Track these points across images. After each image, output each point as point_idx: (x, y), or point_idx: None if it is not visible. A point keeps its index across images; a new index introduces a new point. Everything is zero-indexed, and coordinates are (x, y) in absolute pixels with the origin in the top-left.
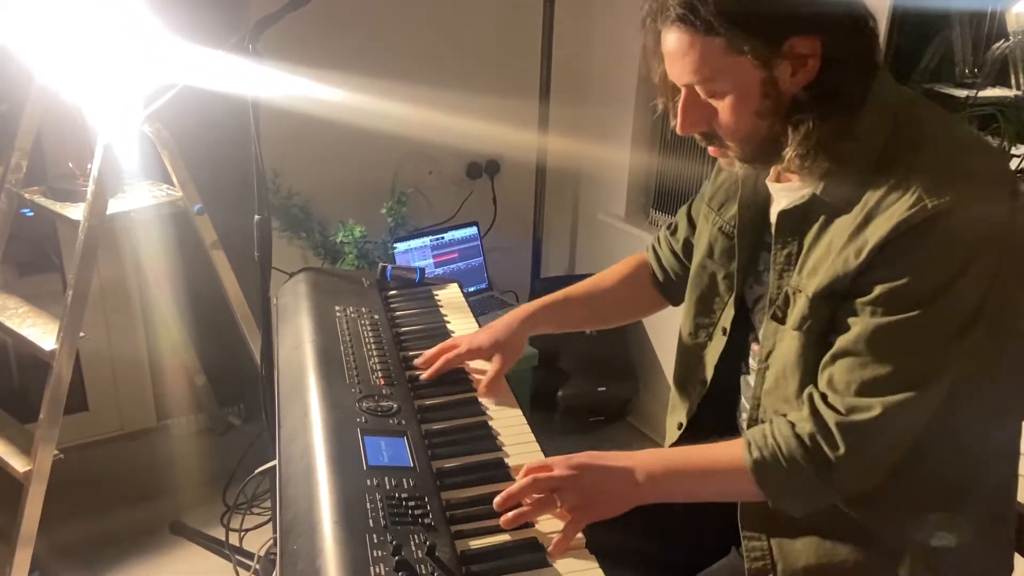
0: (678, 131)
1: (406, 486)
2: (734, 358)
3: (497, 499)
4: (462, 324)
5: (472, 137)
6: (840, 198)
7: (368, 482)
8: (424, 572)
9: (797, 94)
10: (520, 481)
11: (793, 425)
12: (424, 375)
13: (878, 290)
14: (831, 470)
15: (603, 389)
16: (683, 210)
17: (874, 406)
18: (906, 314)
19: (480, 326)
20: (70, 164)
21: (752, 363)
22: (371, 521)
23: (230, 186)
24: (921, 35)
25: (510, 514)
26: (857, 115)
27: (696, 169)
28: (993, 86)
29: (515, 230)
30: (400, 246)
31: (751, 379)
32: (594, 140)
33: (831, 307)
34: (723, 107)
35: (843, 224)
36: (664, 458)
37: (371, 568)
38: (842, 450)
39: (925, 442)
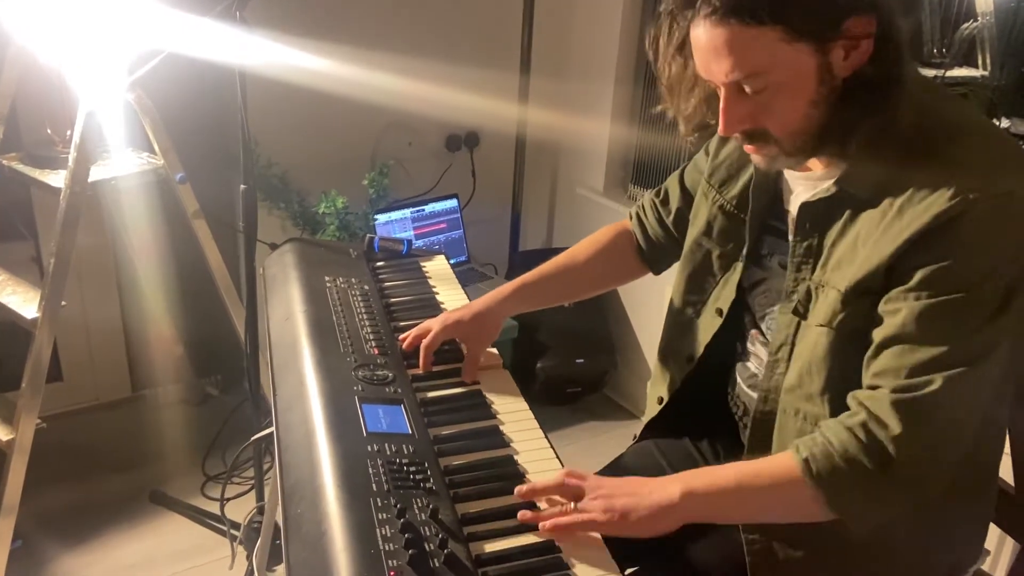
0: (721, 132)
1: (406, 452)
2: (728, 339)
3: (521, 489)
4: (451, 295)
5: (452, 109)
6: (867, 190)
7: (369, 448)
8: (429, 534)
9: (848, 79)
10: (551, 478)
11: (843, 422)
12: (420, 370)
13: (920, 275)
14: (890, 460)
15: (581, 361)
16: (674, 178)
17: (929, 383)
18: (952, 295)
19: (468, 297)
20: (48, 130)
21: (752, 348)
22: (374, 485)
23: (211, 155)
24: None
25: (528, 512)
26: (902, 99)
27: (675, 144)
28: (961, 66)
29: (494, 203)
30: (381, 217)
31: (751, 365)
32: (574, 113)
33: (865, 303)
34: (777, 100)
35: (871, 217)
36: (704, 475)
37: (377, 530)
38: (897, 429)
39: None
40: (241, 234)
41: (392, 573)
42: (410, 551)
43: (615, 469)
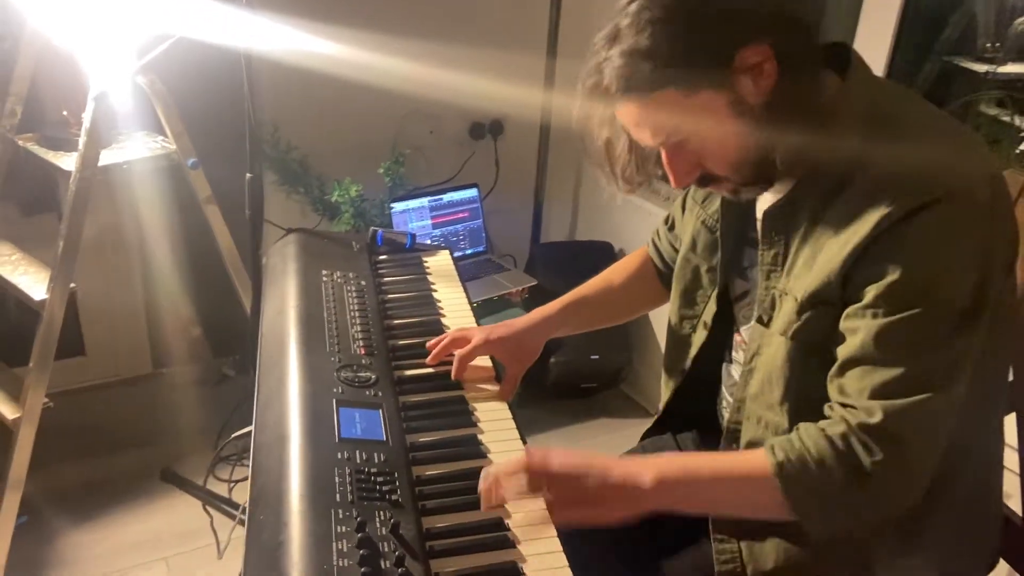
0: (674, 186)
1: (376, 460)
2: (715, 350)
3: (485, 472)
4: (449, 293)
5: (476, 96)
6: (820, 196)
7: (339, 455)
8: (387, 550)
9: (767, 102)
10: (512, 462)
11: (822, 428)
12: (453, 377)
13: (872, 291)
14: (865, 479)
15: (596, 357)
16: (678, 202)
17: (890, 408)
18: (906, 312)
19: (467, 293)
20: (64, 112)
21: (736, 355)
22: (338, 496)
23: (225, 140)
24: (945, 3)
25: (492, 497)
26: (833, 110)
27: None
28: (1015, 61)
29: (517, 193)
30: (398, 206)
31: (734, 370)
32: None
33: (821, 313)
34: (704, 146)
35: (828, 224)
36: (679, 461)
37: (334, 544)
38: (879, 455)
39: None
40: (269, 222)
41: None
42: (363, 568)
43: None
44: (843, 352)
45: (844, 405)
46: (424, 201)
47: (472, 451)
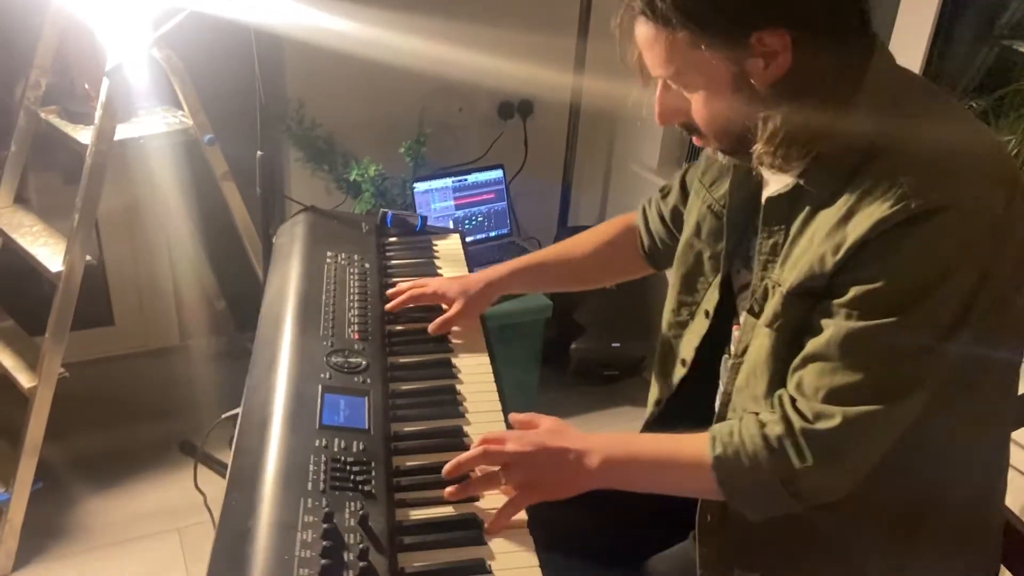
0: (657, 121)
1: (355, 449)
2: (716, 342)
3: (447, 467)
4: None
5: (506, 75)
6: (824, 189)
7: (317, 442)
8: (352, 542)
9: (773, 87)
10: (471, 451)
11: (763, 425)
12: (388, 305)
13: (853, 292)
14: (795, 479)
15: (617, 345)
16: (679, 174)
17: (839, 415)
18: (881, 320)
19: None
20: (86, 86)
21: (732, 349)
22: (310, 484)
23: (246, 117)
24: None
25: (454, 487)
26: (845, 104)
27: None
28: None
29: (545, 174)
30: (420, 186)
31: (729, 363)
32: (632, 83)
33: (806, 306)
34: (696, 100)
35: (826, 217)
36: (626, 443)
37: (299, 533)
38: (809, 461)
39: (893, 449)
40: (291, 199)
41: None
42: (324, 560)
43: None
44: (810, 345)
45: (794, 403)
46: (447, 182)
47: (455, 443)
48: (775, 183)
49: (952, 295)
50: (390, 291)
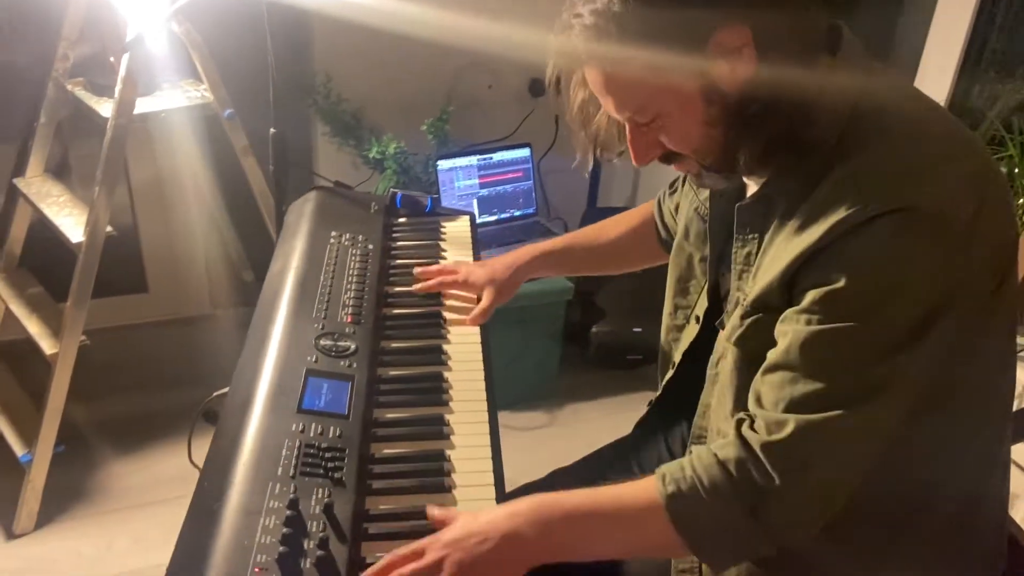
0: (635, 163)
1: (331, 435)
2: (704, 347)
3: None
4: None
5: (539, 51)
6: (790, 195)
7: (294, 426)
8: (313, 529)
9: (743, 91)
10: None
11: (715, 453)
12: (416, 286)
13: (811, 295)
14: (762, 506)
15: (639, 330)
16: None
17: (792, 421)
18: (840, 324)
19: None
20: (111, 59)
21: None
22: (280, 469)
23: (267, 92)
24: None
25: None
26: (813, 104)
27: None
28: None
29: (576, 154)
30: (444, 164)
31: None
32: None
33: (763, 321)
34: (669, 127)
35: (792, 224)
36: (561, 503)
37: (262, 518)
38: (776, 480)
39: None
40: (318, 175)
41: (256, 569)
42: (283, 547)
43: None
44: (769, 356)
45: (752, 422)
46: (473, 160)
47: (435, 432)
48: (749, 190)
49: (915, 299)
50: (418, 271)
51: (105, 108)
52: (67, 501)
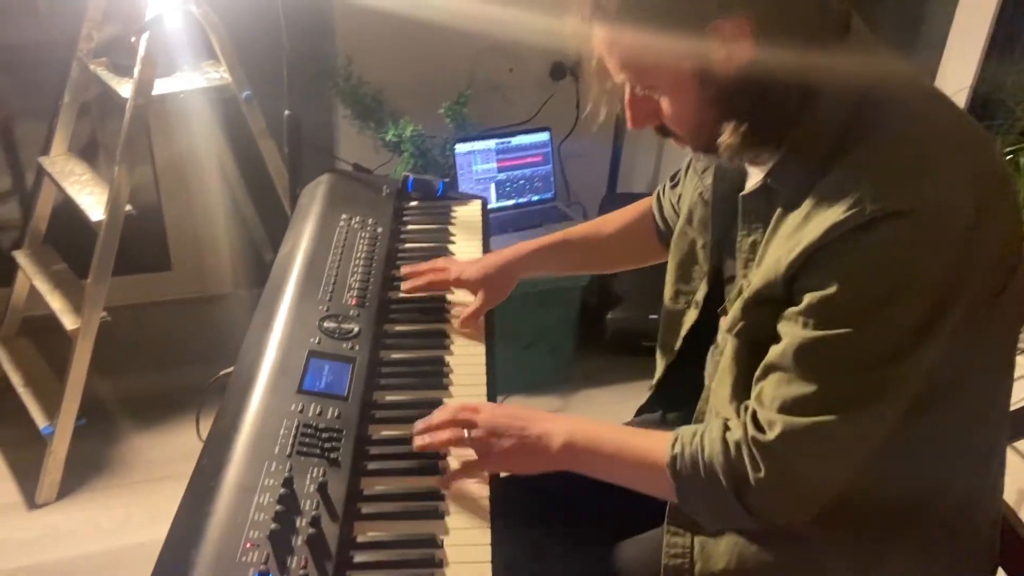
0: (629, 126)
1: (329, 416)
2: (706, 332)
3: (417, 424)
4: (466, 246)
5: (561, 34)
6: (792, 189)
7: (293, 406)
8: (307, 508)
9: (739, 77)
10: (440, 412)
11: (726, 431)
12: (405, 286)
13: (807, 300)
14: (747, 491)
15: (655, 317)
16: (687, 160)
17: (780, 423)
18: (836, 330)
19: (489, 250)
20: (132, 39)
21: (717, 343)
22: (277, 448)
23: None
24: None
25: (424, 439)
26: (813, 95)
27: None
28: None
29: (596, 137)
30: (462, 147)
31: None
32: None
33: (765, 314)
34: (664, 102)
35: (792, 220)
36: (591, 432)
37: (256, 496)
38: (762, 472)
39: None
40: (339, 158)
41: (248, 544)
42: (274, 525)
43: None
44: (770, 354)
45: (755, 413)
46: (491, 143)
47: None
48: (752, 178)
49: (912, 306)
50: (405, 270)
51: (125, 88)
52: (87, 473)
